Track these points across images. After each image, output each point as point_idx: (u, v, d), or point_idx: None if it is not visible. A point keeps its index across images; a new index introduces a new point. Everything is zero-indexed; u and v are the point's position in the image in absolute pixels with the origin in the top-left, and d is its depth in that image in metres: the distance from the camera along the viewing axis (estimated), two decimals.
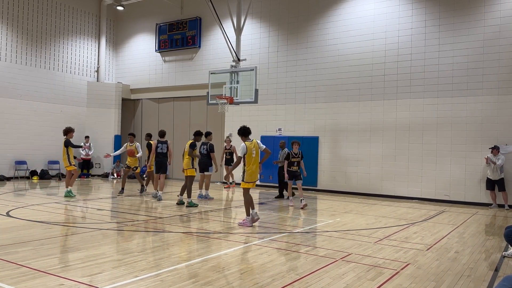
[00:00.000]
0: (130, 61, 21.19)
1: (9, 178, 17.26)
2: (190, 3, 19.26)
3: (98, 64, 20.89)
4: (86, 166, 19.17)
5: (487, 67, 12.92)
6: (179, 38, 19.39)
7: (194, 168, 11.25)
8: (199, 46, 18.95)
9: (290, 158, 11.43)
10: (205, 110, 18.74)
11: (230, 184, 16.17)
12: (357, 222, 9.14)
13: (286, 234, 7.78)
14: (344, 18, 15.45)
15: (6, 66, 17.34)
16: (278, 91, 16.70)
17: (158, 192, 12.00)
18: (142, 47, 20.73)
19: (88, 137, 19.21)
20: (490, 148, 12.43)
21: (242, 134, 8.46)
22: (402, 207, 11.91)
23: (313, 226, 8.74)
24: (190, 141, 11.39)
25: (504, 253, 6.51)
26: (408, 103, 14.15)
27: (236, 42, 14.87)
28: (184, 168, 11.26)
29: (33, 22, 18.36)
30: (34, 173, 17.89)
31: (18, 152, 17.61)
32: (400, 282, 5.00)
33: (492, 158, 12.15)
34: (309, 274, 5.18)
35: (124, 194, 12.94)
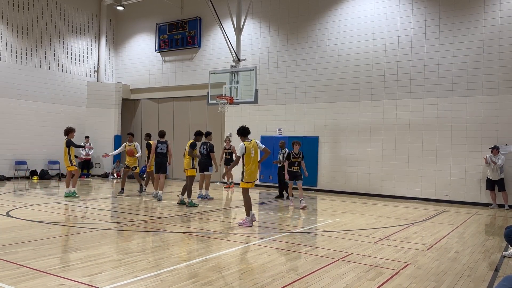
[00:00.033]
0: (130, 61, 21.20)
1: (9, 178, 17.27)
2: (190, 3, 19.26)
3: (98, 64, 20.89)
4: (86, 166, 19.18)
5: (487, 67, 12.93)
6: (179, 38, 19.39)
7: (195, 168, 11.25)
8: (199, 46, 18.95)
9: (291, 158, 11.33)
10: (205, 110, 18.74)
11: (229, 184, 16.16)
12: (357, 222, 9.14)
13: (286, 234, 7.77)
14: (344, 18, 15.45)
15: (6, 66, 17.34)
16: (278, 91, 16.69)
17: (158, 192, 12.02)
18: (142, 47, 20.73)
19: (88, 137, 19.21)
20: (490, 148, 12.44)
21: (241, 134, 8.48)
22: (402, 207, 11.91)
23: (313, 226, 8.74)
24: (190, 141, 11.39)
25: (504, 253, 6.51)
26: (408, 103, 14.15)
27: (236, 42, 14.87)
28: (184, 168, 11.27)
29: (33, 22, 18.36)
30: (34, 173, 17.89)
31: (18, 152, 17.61)
32: (400, 282, 5.00)
33: (492, 158, 12.15)
34: (309, 274, 5.18)
35: (124, 194, 12.94)
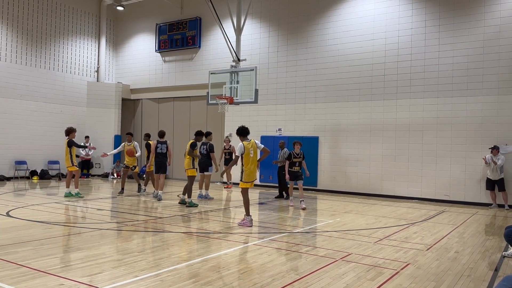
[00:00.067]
0: (130, 61, 21.20)
1: (9, 178, 17.27)
2: (190, 3, 19.26)
3: (98, 64, 20.89)
4: (86, 166, 19.18)
5: (487, 67, 12.93)
6: (179, 38, 19.39)
7: (195, 168, 11.25)
8: (199, 46, 18.95)
9: (292, 158, 11.26)
10: (205, 110, 18.74)
11: (229, 184, 16.15)
12: (357, 222, 9.14)
13: (286, 234, 7.77)
14: (344, 18, 15.45)
15: (6, 66, 17.34)
16: (278, 91, 16.69)
17: (158, 192, 12.02)
18: (142, 47, 20.73)
19: (88, 137, 19.21)
20: (490, 148, 12.44)
21: (241, 134, 8.51)
22: (402, 207, 11.91)
23: (313, 226, 8.74)
24: (191, 141, 11.40)
25: (504, 253, 6.51)
26: (408, 103, 14.15)
27: (236, 42, 14.87)
28: (185, 168, 11.27)
29: (33, 22, 18.36)
30: (34, 173, 17.89)
31: (18, 152, 17.61)
32: (400, 282, 5.00)
33: (492, 158, 12.14)
34: (309, 274, 5.18)
35: (124, 194, 12.95)
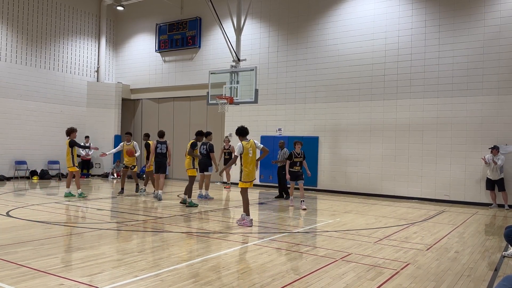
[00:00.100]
0: (130, 61, 21.19)
1: (9, 178, 17.26)
2: (190, 3, 19.26)
3: (98, 64, 20.89)
4: (86, 166, 19.16)
5: (487, 67, 12.93)
6: (179, 38, 19.39)
7: (195, 168, 11.25)
8: (199, 46, 18.95)
9: (293, 158, 11.23)
10: (205, 110, 18.74)
11: (229, 184, 16.14)
12: (357, 222, 9.14)
13: (286, 234, 7.77)
14: (344, 18, 15.45)
15: (6, 66, 17.34)
16: (278, 91, 16.69)
17: (158, 192, 12.01)
18: (142, 47, 20.73)
19: (88, 137, 19.21)
20: (490, 148, 12.44)
21: (240, 134, 8.53)
22: (402, 207, 11.91)
23: (313, 226, 8.74)
24: (191, 141, 11.40)
25: (504, 253, 6.51)
26: (408, 103, 14.15)
27: (236, 42, 14.87)
28: (185, 168, 11.27)
29: (33, 22, 18.36)
30: (34, 173, 17.89)
31: (18, 152, 17.61)
32: (400, 282, 5.00)
33: (492, 158, 12.14)
34: (309, 274, 5.18)
35: (124, 194, 12.94)
